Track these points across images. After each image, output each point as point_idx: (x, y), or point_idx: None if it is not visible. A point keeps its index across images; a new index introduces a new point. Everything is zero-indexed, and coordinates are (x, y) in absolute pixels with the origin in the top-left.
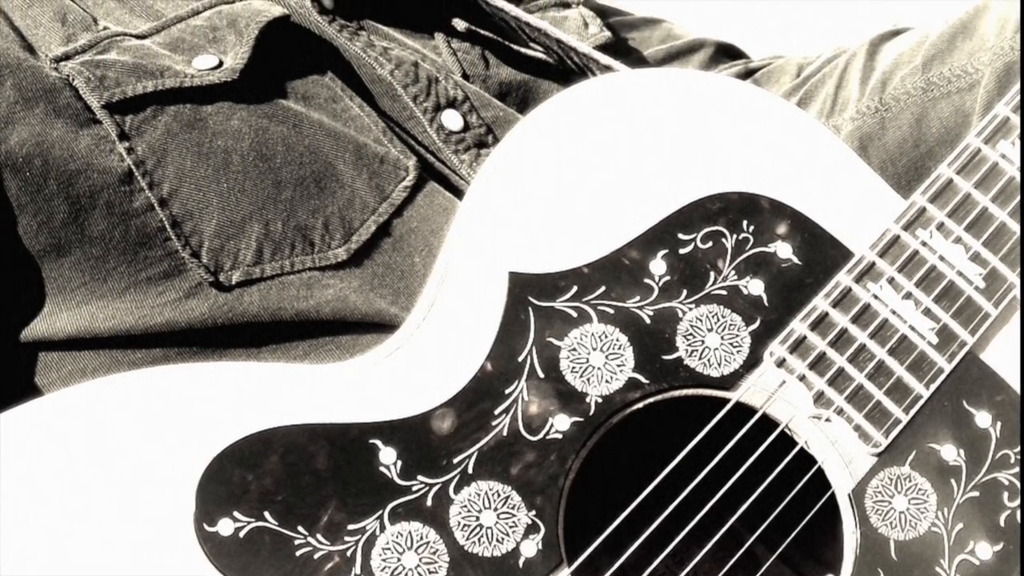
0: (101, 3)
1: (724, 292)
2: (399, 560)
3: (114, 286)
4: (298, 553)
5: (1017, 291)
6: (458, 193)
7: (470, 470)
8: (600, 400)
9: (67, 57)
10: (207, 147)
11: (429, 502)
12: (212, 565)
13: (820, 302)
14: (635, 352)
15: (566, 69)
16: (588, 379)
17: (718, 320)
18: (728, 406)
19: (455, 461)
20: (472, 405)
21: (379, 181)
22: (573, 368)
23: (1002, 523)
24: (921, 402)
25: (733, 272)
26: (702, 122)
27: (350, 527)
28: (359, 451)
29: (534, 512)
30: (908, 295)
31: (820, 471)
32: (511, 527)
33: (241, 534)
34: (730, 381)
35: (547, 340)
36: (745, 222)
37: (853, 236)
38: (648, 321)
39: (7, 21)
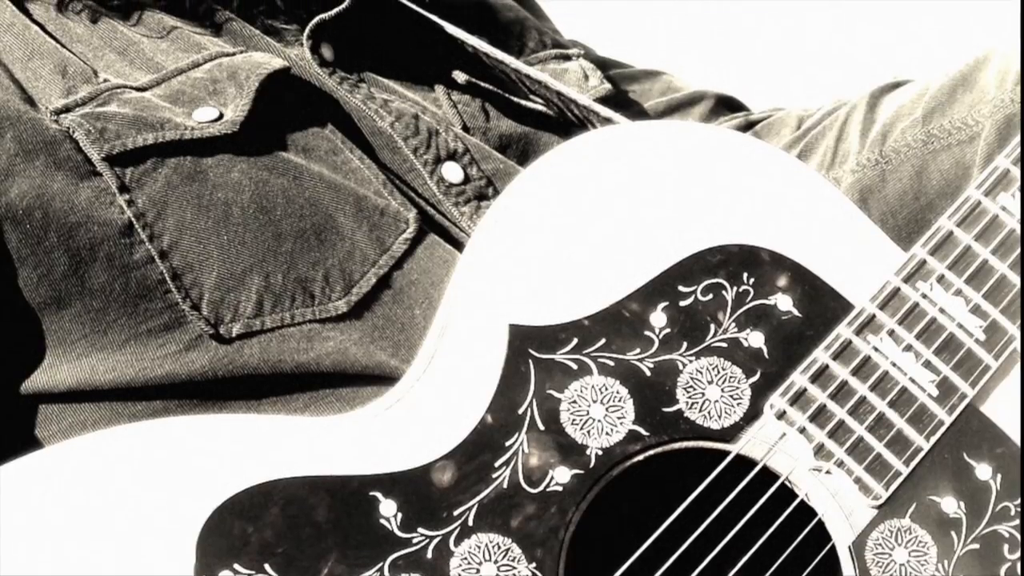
0: (101, 55)
1: (724, 344)
2: None
3: (114, 338)
4: None
5: (1017, 343)
6: (458, 245)
7: (470, 522)
8: (600, 452)
9: (67, 109)
10: (207, 199)
11: (429, 554)
12: None
13: (820, 354)
14: (635, 404)
15: (566, 121)
16: (588, 431)
17: (718, 372)
18: (728, 458)
19: (455, 513)
20: (472, 457)
21: (379, 233)
22: (573, 420)
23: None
24: (921, 454)
25: (733, 324)
26: (702, 174)
27: None
28: (359, 503)
29: (534, 564)
30: (908, 347)
31: (820, 523)
32: None
33: None
34: (730, 433)
35: (547, 392)
36: (745, 274)
37: (853, 288)
38: (648, 373)
39: (7, 73)
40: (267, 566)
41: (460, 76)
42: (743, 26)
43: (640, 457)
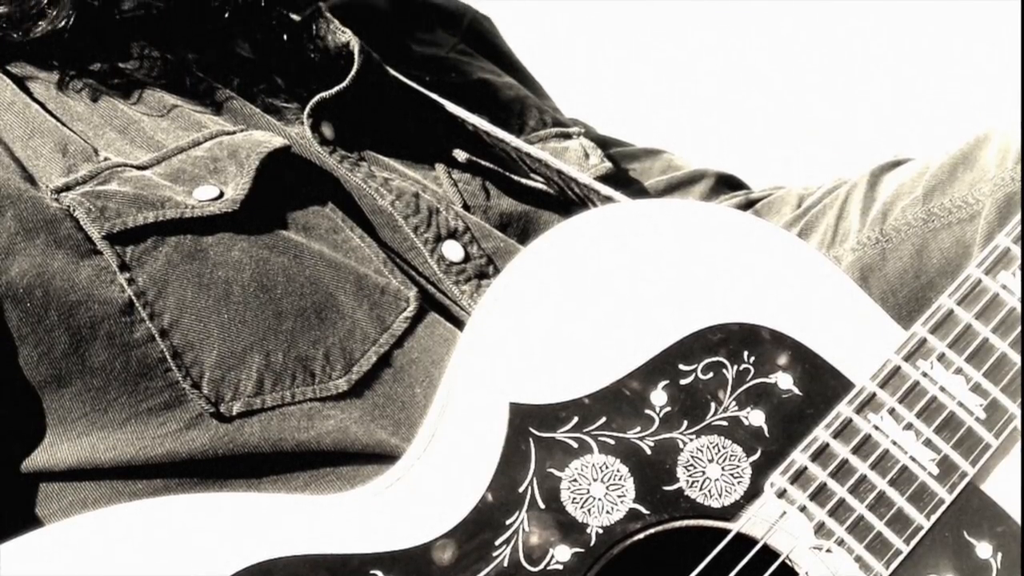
0: (102, 134)
1: (725, 423)
2: None
3: (115, 417)
4: None
5: (1018, 422)
6: (459, 324)
7: None
8: (601, 531)
9: (68, 188)
10: (208, 278)
11: None
12: None
13: (821, 433)
14: (636, 483)
15: (567, 200)
16: (589, 510)
17: (719, 451)
18: (729, 537)
19: None
20: (473, 535)
21: (380, 312)
22: (574, 499)
23: None
24: (922, 533)
25: (734, 403)
26: (703, 252)
27: None
28: None
29: None
30: (909, 426)
31: None
32: None
33: None
34: (731, 512)
35: (548, 471)
36: (746, 353)
37: (854, 367)
38: (649, 452)
39: (8, 152)
40: None
41: (460, 154)
42: (744, 104)
43: (640, 536)
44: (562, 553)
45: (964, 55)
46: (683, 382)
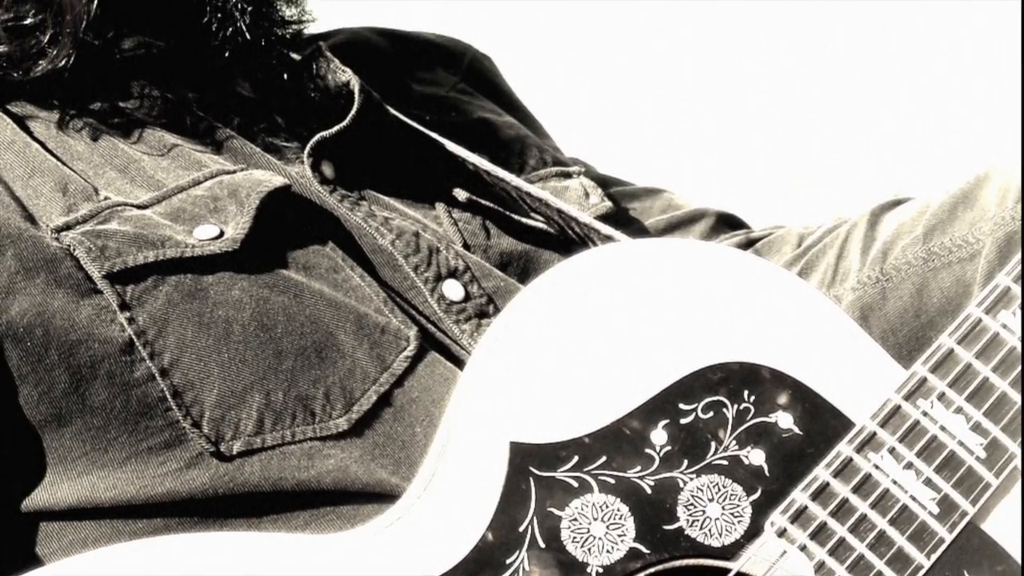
0: (102, 173)
1: (725, 462)
2: None
3: (115, 456)
4: None
5: (1018, 461)
6: (459, 363)
7: None
8: (601, 570)
9: (68, 227)
10: (208, 317)
11: None
12: None
13: (821, 472)
14: (636, 522)
15: (567, 239)
16: (589, 549)
17: (719, 490)
18: None
19: None
20: (473, 575)
21: (380, 351)
22: (574, 538)
23: None
24: (922, 572)
25: (734, 442)
26: (703, 292)
27: None
28: None
29: None
30: (909, 465)
31: None
32: None
33: None
34: (731, 551)
35: (548, 510)
36: (746, 392)
37: (854, 406)
38: (649, 491)
39: (8, 191)
40: None
41: (461, 194)
42: (744, 144)
43: (641, 575)
44: None
45: (964, 94)
46: (683, 421)
